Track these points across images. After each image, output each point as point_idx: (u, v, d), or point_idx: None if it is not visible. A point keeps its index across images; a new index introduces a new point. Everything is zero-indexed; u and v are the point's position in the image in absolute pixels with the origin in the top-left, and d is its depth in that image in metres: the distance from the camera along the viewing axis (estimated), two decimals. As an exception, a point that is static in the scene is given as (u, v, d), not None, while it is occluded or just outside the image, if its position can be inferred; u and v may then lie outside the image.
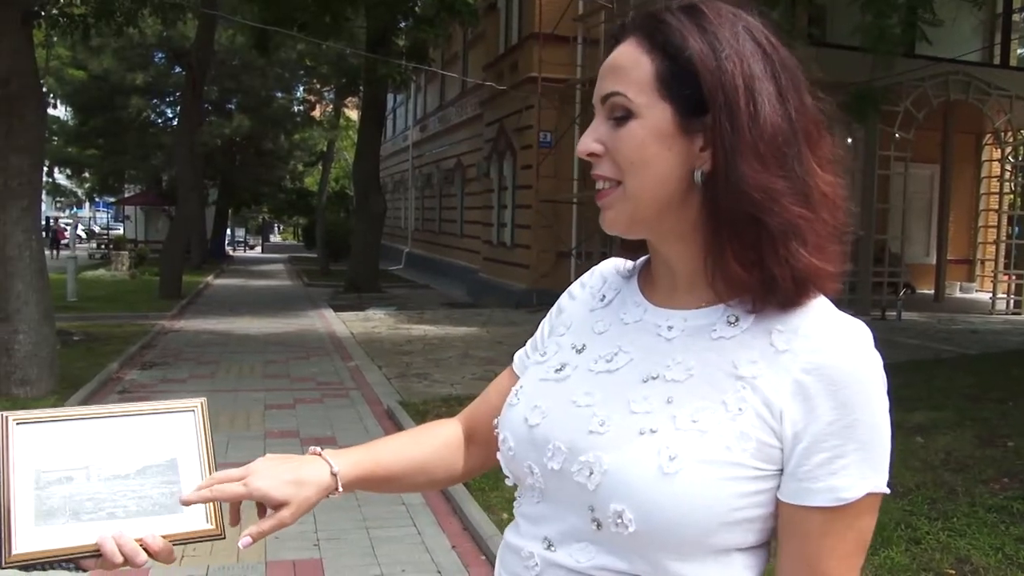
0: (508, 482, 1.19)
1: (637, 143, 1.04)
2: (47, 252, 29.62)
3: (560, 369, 1.17)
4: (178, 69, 27.57)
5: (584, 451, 1.05)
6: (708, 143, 1.02)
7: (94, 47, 26.04)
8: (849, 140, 15.73)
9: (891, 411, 1.02)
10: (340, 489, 1.22)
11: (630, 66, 1.06)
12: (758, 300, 1.05)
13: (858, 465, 0.98)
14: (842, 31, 15.67)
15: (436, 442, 1.36)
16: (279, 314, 17.87)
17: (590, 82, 18.00)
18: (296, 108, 35.67)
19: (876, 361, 1.01)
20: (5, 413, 1.26)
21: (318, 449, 1.25)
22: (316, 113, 37.58)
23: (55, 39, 20.99)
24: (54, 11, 10.49)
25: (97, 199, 45.55)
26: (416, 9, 21.22)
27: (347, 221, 30.97)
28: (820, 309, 1.05)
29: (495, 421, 1.21)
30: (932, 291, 20.40)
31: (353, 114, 34.36)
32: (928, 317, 17.11)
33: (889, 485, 1.02)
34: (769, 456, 1.00)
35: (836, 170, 1.07)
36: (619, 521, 1.00)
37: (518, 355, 1.35)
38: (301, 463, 1.22)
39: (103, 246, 38.91)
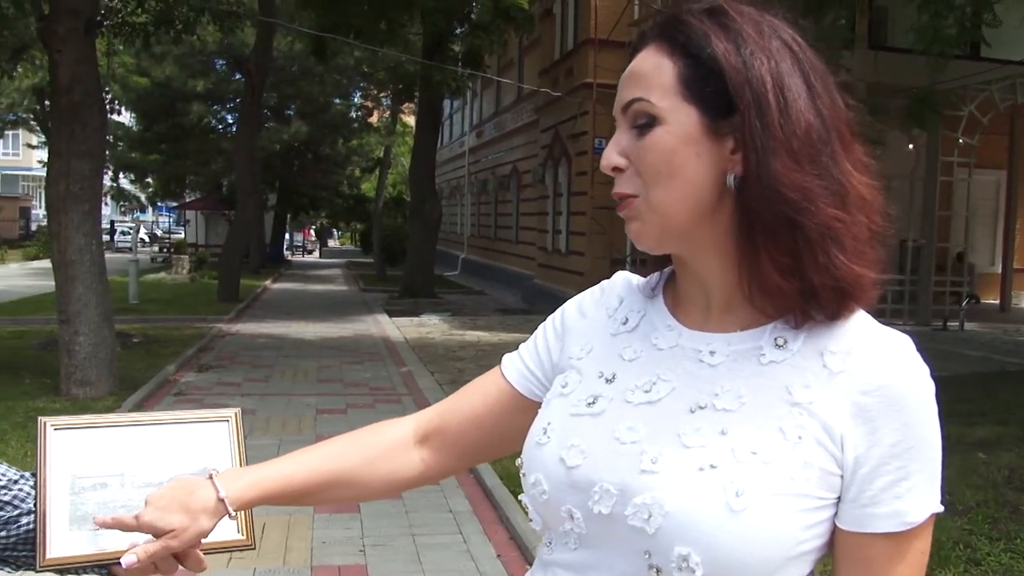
0: (533, 526, 1.10)
1: (664, 150, 0.99)
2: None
3: (592, 402, 1.07)
4: (238, 76, 27.98)
5: (638, 492, 0.97)
6: (739, 144, 0.97)
7: (157, 55, 26.58)
8: (910, 146, 15.42)
9: (945, 424, 1.00)
10: (232, 513, 1.18)
11: (651, 71, 1.01)
12: (800, 313, 0.99)
13: (922, 486, 0.96)
14: (906, 35, 15.40)
15: (372, 450, 1.26)
16: (334, 319, 18.01)
17: (646, 87, 18.15)
18: (353, 114, 35.99)
19: (928, 375, 0.98)
20: (43, 419, 1.29)
21: (211, 472, 1.20)
22: (373, 119, 37.89)
23: (121, 47, 21.43)
24: (116, 20, 10.71)
25: (160, 203, 46.41)
26: (471, 16, 21.33)
27: (403, 226, 31.15)
28: (867, 325, 1.01)
29: (518, 461, 1.12)
30: (997, 301, 19.88)
31: (410, 120, 34.56)
32: (993, 328, 16.67)
33: (945, 503, 0.98)
34: (831, 484, 0.96)
35: (870, 172, 1.02)
36: (684, 565, 0.93)
37: (511, 361, 1.25)
38: (193, 490, 1.17)
39: (165, 250, 39.64)
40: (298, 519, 5.52)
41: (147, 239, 51.30)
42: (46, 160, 10.33)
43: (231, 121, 32.90)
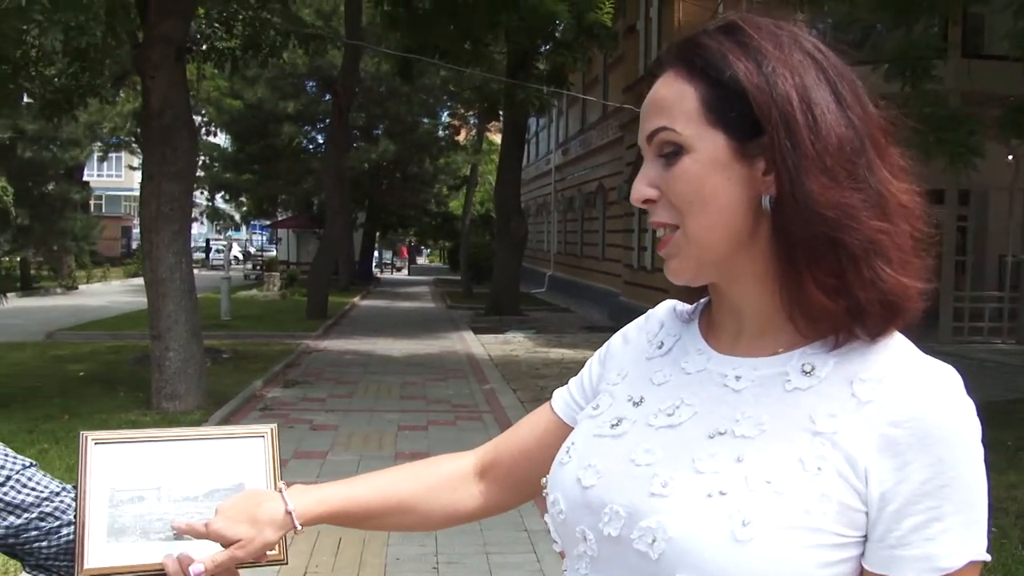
0: (555, 548, 1.09)
1: (693, 179, 0.96)
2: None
3: (616, 424, 1.06)
4: (327, 97, 28.59)
5: (646, 515, 0.94)
6: (770, 165, 0.93)
7: (249, 78, 27.32)
8: (1010, 157, 14.88)
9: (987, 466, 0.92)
10: (298, 527, 1.20)
11: (673, 98, 0.98)
12: (844, 332, 0.94)
13: (958, 530, 0.88)
14: (1001, 42, 14.90)
15: (434, 480, 1.29)
16: (420, 335, 18.18)
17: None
18: (441, 133, 36.43)
19: (971, 411, 0.91)
20: (85, 433, 1.32)
21: (283, 485, 1.23)
22: (460, 137, 38.29)
23: (215, 71, 22.09)
24: (205, 46, 11.06)
25: (253, 222, 47.65)
26: (555, 34, 21.40)
27: (490, 244, 31.36)
28: (904, 354, 0.95)
29: (543, 480, 1.11)
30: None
31: (496, 138, 34.87)
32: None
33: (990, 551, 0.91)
34: (853, 521, 0.90)
35: (910, 177, 0.98)
36: None
37: (559, 394, 1.26)
38: (261, 502, 1.20)
39: (257, 268, 40.65)
40: (373, 535, 5.56)
41: (241, 257, 52.72)
42: (141, 181, 10.68)
43: (321, 141, 33.61)
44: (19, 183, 28.75)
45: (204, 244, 52.16)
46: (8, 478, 1.28)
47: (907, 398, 0.90)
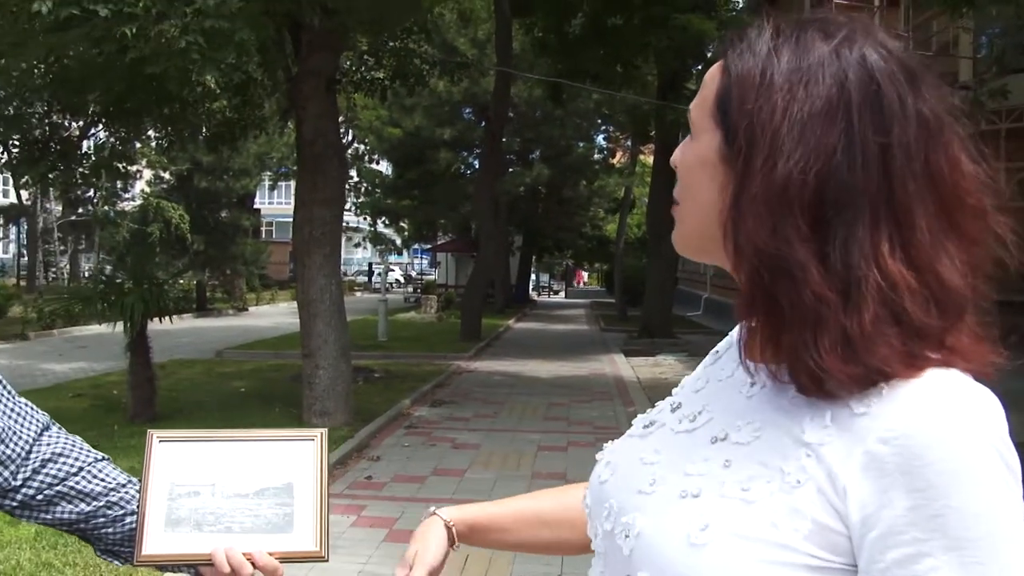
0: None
1: (687, 166, 0.96)
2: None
3: (648, 426, 1.06)
4: (482, 123, 29.21)
5: (627, 512, 0.94)
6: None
7: (407, 107, 28.26)
8: None
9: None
10: (456, 542, 1.29)
11: (707, 82, 0.95)
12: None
13: (951, 570, 0.75)
14: None
15: (573, 502, 1.26)
16: (571, 358, 18.22)
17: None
18: (595, 156, 36.55)
19: (986, 433, 0.78)
20: (151, 431, 1.42)
21: (433, 508, 1.31)
22: (615, 160, 38.29)
23: (371, 102, 22.92)
24: (355, 77, 11.55)
25: (414, 246, 48.99)
26: (705, 53, 21.17)
27: (645, 267, 31.17)
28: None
29: None
30: None
31: (651, 160, 34.67)
32: None
33: None
34: (833, 544, 0.81)
35: (966, 264, 0.84)
36: None
37: None
38: (428, 532, 1.28)
39: (416, 290, 41.78)
40: (499, 554, 5.61)
41: (402, 280, 54.27)
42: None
43: (478, 166, 34.34)
44: (195, 211, 30.69)
45: (367, 268, 53.99)
46: (81, 469, 1.40)
47: (901, 412, 0.79)
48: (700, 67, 21.90)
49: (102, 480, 1.41)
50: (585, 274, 64.30)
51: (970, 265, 0.84)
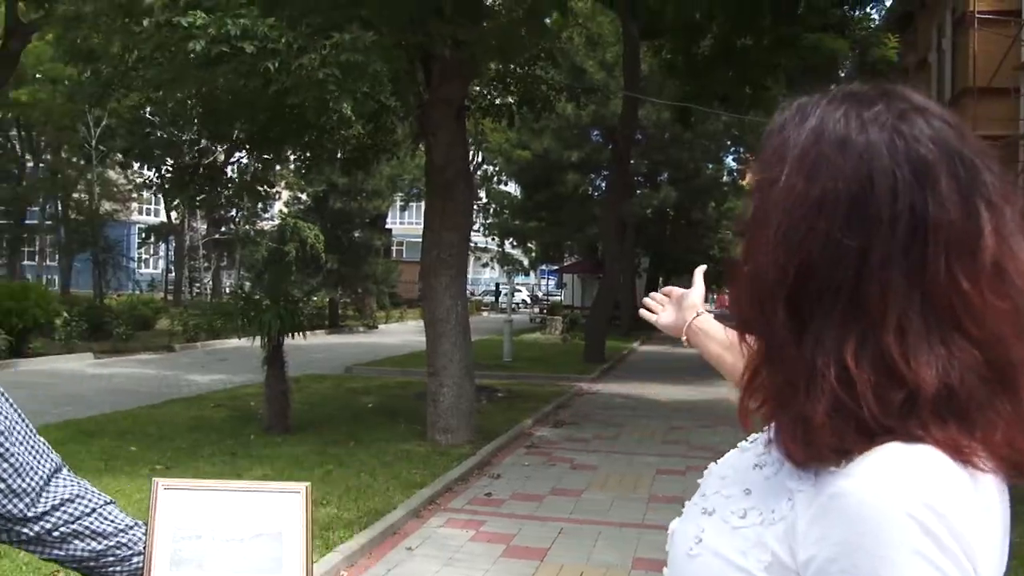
0: None
1: (745, 218, 1.02)
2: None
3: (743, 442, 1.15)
4: (610, 145, 29.32)
5: (671, 532, 1.06)
6: None
7: (535, 129, 28.63)
8: None
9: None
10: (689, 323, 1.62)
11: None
12: None
13: None
14: None
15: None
16: (695, 382, 18.03)
17: (1035, 137, 16.45)
18: (724, 178, 36.16)
19: (913, 502, 0.78)
20: (156, 480, 1.57)
21: (702, 309, 1.63)
22: (745, 181, 37.75)
23: (499, 125, 23.37)
24: (483, 103, 11.89)
25: (541, 267, 49.38)
26: (839, 73, 20.75)
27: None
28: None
29: None
30: None
31: (781, 181, 34.07)
32: None
33: None
34: None
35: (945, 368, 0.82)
36: None
37: None
38: (690, 303, 1.65)
39: (542, 311, 42.10)
40: (614, 571, 5.71)
41: (529, 301, 54.68)
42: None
43: (605, 188, 34.47)
44: (330, 231, 31.80)
45: (494, 288, 54.67)
46: (94, 510, 1.54)
47: (853, 472, 0.81)
48: (833, 87, 21.50)
49: (112, 521, 1.55)
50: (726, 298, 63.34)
51: (968, 364, 0.83)
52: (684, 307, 1.65)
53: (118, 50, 9.24)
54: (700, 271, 1.76)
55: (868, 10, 22.39)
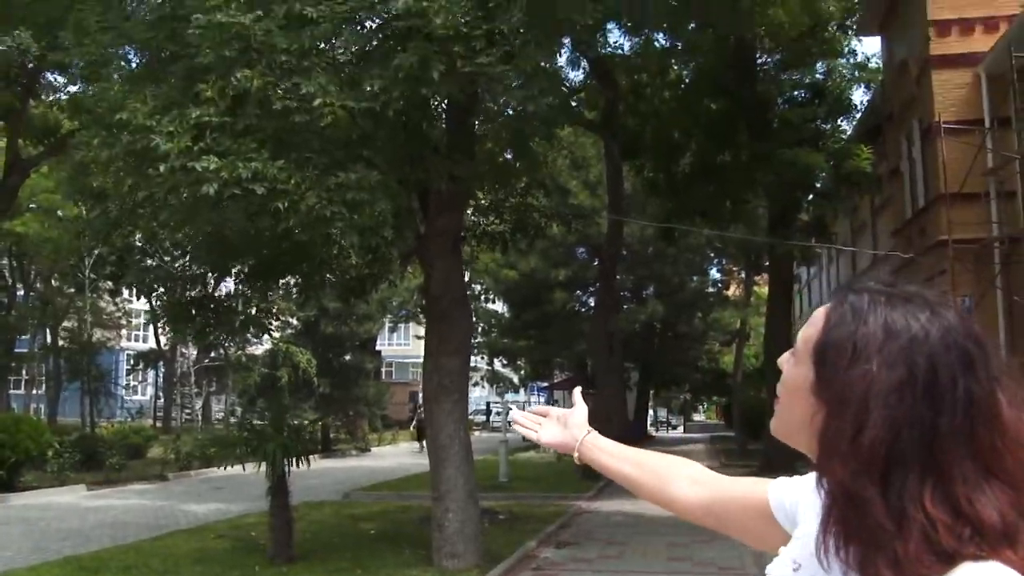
0: None
1: (789, 383, 1.25)
2: (416, 444, 32.74)
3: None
4: (596, 262, 29.88)
5: None
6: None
7: (522, 250, 29.23)
8: None
9: None
10: (577, 453, 1.81)
11: (814, 319, 1.22)
12: None
13: None
14: None
15: (672, 467, 1.74)
16: (691, 495, 18.06)
17: (1009, 239, 16.96)
18: (709, 289, 36.73)
19: None
20: None
21: (589, 430, 1.82)
22: (729, 292, 38.37)
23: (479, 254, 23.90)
24: (477, 232, 12.31)
25: (531, 384, 49.44)
26: (816, 185, 21.39)
27: (764, 399, 30.77)
28: None
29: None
30: None
31: (765, 290, 34.79)
32: None
33: None
34: None
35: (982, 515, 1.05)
36: None
37: (776, 487, 1.55)
38: (571, 422, 1.85)
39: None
40: None
41: (520, 418, 54.27)
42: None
43: (593, 304, 34.91)
44: (321, 355, 31.94)
45: (485, 407, 54.57)
46: None
47: None
48: (810, 198, 22.14)
49: None
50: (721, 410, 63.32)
51: (1009, 502, 1.06)
52: (571, 425, 1.85)
53: (127, 190, 9.60)
54: (578, 392, 1.96)
55: (839, 123, 23.33)
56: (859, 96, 23.69)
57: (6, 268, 37.08)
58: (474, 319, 37.77)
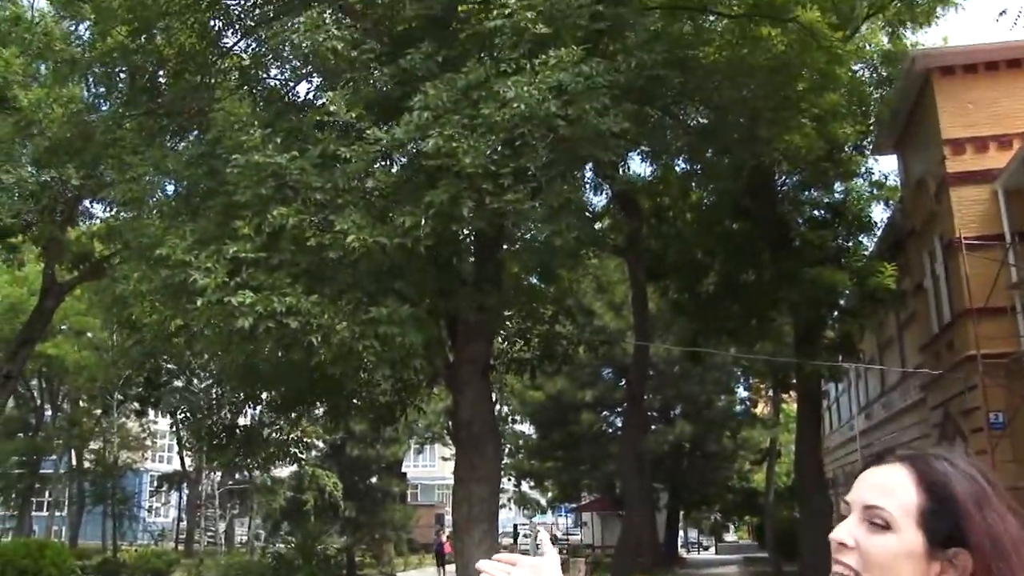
0: None
1: (888, 554, 1.29)
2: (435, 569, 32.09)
3: None
4: (623, 382, 29.80)
5: None
6: (944, 569, 1.28)
7: (548, 372, 29.27)
8: None
9: None
10: None
11: (897, 488, 1.32)
12: None
13: None
14: None
15: None
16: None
17: (1039, 355, 16.79)
18: (737, 408, 36.42)
19: None
20: None
21: None
22: (757, 410, 38.01)
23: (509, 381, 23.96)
24: (505, 359, 12.45)
25: (559, 506, 48.66)
26: (840, 302, 21.41)
27: (797, 518, 30.15)
28: None
29: None
30: None
31: (794, 407, 34.49)
32: None
33: None
34: None
35: None
36: None
37: None
38: (549, 572, 1.67)
39: (563, 552, 41.12)
40: None
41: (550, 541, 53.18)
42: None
43: (620, 425, 34.64)
44: (347, 478, 31.75)
45: (512, 529, 53.59)
46: None
47: None
48: (835, 315, 22.12)
49: None
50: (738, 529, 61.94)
51: None
52: (544, 572, 1.71)
53: (163, 319, 9.83)
54: (545, 537, 1.93)
55: (860, 240, 23.45)
56: (878, 213, 23.88)
57: (35, 388, 37.39)
58: (501, 439, 37.74)
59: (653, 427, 32.02)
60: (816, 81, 15.84)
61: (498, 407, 36.81)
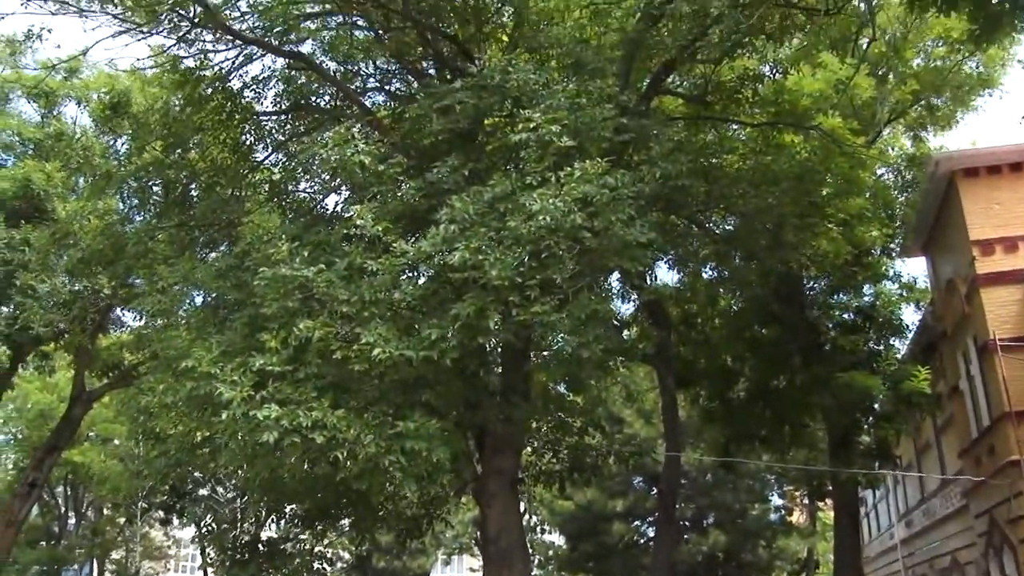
0: None
1: None
2: None
3: None
4: (654, 492, 29.25)
5: None
6: None
7: (578, 483, 28.83)
8: None
9: None
10: None
11: None
12: None
13: None
14: None
15: None
16: None
17: (1083, 462, 16.31)
18: (771, 516, 35.54)
19: None
20: None
21: None
22: (793, 518, 37.05)
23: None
24: (534, 471, 12.24)
25: (590, 620, 47.32)
26: (874, 407, 21.05)
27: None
28: None
29: None
30: None
31: (831, 515, 33.66)
32: None
33: None
34: None
35: None
36: None
37: None
38: None
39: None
40: None
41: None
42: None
43: (652, 535, 33.85)
44: (375, 591, 31.08)
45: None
46: None
47: None
48: (871, 420, 21.71)
49: None
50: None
51: None
52: None
53: (188, 431, 9.79)
54: None
55: (892, 343, 23.17)
56: (909, 316, 23.64)
57: (60, 496, 37.23)
58: (530, 550, 36.94)
59: (686, 537, 31.26)
60: (841, 186, 15.93)
61: (527, 517, 36.30)
